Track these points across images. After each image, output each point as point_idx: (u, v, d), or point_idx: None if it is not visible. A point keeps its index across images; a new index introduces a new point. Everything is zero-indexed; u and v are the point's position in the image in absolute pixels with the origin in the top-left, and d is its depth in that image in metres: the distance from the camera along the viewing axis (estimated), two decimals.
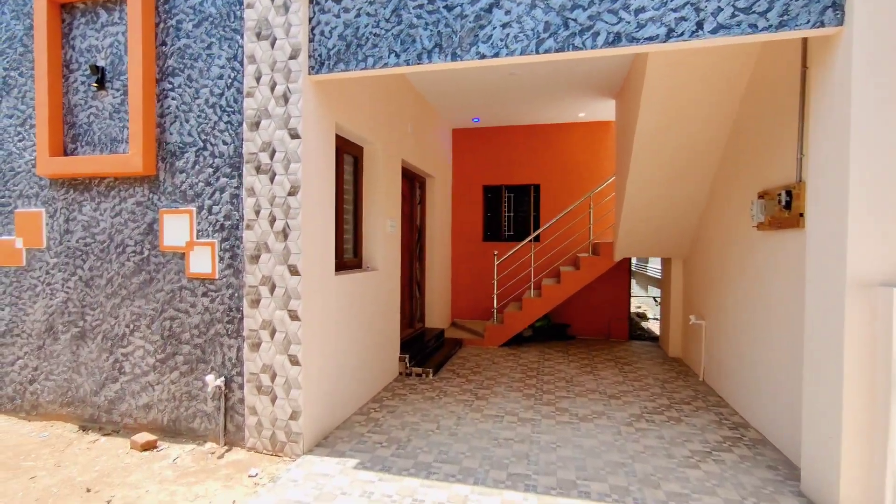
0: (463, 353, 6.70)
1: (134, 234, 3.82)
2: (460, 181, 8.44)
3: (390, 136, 5.22)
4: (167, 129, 3.72)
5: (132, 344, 3.83)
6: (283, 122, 3.44)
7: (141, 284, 3.80)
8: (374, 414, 4.27)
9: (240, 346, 3.59)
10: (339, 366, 4.01)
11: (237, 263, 3.58)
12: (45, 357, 4.07)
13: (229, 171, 3.59)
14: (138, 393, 3.83)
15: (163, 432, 3.77)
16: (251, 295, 3.54)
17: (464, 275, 8.46)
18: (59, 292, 4.02)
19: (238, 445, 3.59)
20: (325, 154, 3.76)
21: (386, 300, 5.13)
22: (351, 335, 4.25)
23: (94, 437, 3.79)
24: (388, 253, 5.21)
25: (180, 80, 3.68)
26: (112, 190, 3.87)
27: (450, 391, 4.95)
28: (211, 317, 3.64)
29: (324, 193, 3.75)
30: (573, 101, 6.80)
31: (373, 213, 4.98)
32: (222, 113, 3.60)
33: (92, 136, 3.92)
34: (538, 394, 4.87)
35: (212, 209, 3.63)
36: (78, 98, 3.95)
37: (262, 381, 3.53)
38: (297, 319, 3.44)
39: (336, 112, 3.93)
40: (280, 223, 3.46)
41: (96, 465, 3.32)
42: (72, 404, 4.01)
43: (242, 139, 3.55)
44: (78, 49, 3.95)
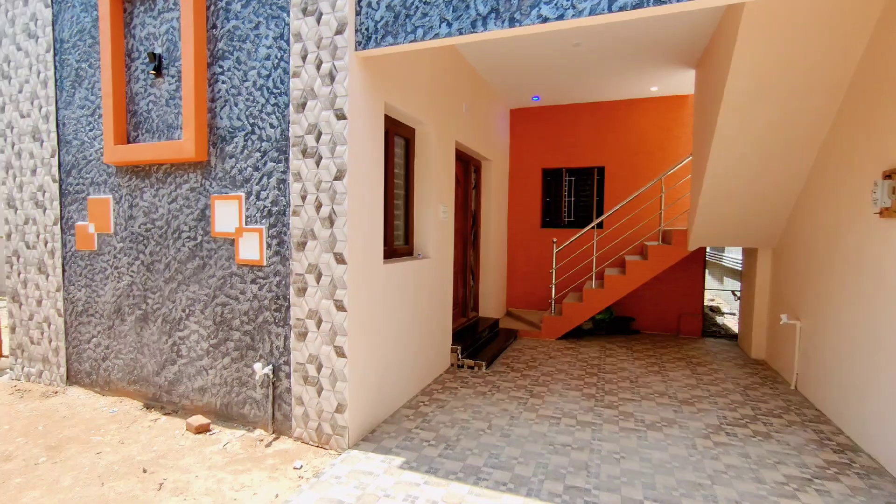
0: (518, 344, 6.40)
1: (188, 220, 3.86)
2: (518, 164, 8.02)
3: (444, 116, 4.95)
4: (218, 113, 3.68)
5: (188, 328, 3.91)
6: (330, 102, 3.27)
7: (195, 270, 3.85)
8: (423, 408, 4.11)
9: (287, 335, 3.53)
10: (387, 357, 3.87)
11: (284, 250, 3.50)
12: (114, 336, 4.27)
13: (276, 155, 3.49)
14: (194, 376, 3.91)
15: (216, 416, 3.83)
16: (298, 283, 3.45)
17: (520, 262, 8.10)
18: (124, 276, 4.18)
19: (286, 434, 3.56)
20: (373, 136, 3.56)
21: (437, 289, 4.93)
22: (400, 325, 4.09)
23: (156, 415, 3.93)
24: (441, 240, 4.98)
25: (229, 63, 3.62)
26: (169, 176, 3.92)
27: (503, 386, 4.69)
28: (259, 304, 3.61)
29: (372, 178, 3.57)
30: (645, 74, 6.15)
31: (424, 198, 4.76)
32: (269, 95, 3.49)
33: (151, 123, 3.98)
34: (599, 394, 4.48)
35: (259, 195, 3.57)
36: (139, 86, 4.02)
37: (309, 371, 3.45)
38: (343, 310, 3.31)
39: (385, 91, 3.71)
40: (326, 209, 3.32)
41: (154, 444, 3.41)
42: (137, 382, 4.18)
43: (289, 122, 3.43)
44: (138, 38, 4.01)
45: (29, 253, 4.68)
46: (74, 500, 2.74)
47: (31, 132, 4.59)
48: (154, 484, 2.89)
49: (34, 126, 4.57)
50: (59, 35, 4.39)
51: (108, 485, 2.89)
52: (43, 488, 2.86)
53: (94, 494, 2.79)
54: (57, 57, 4.41)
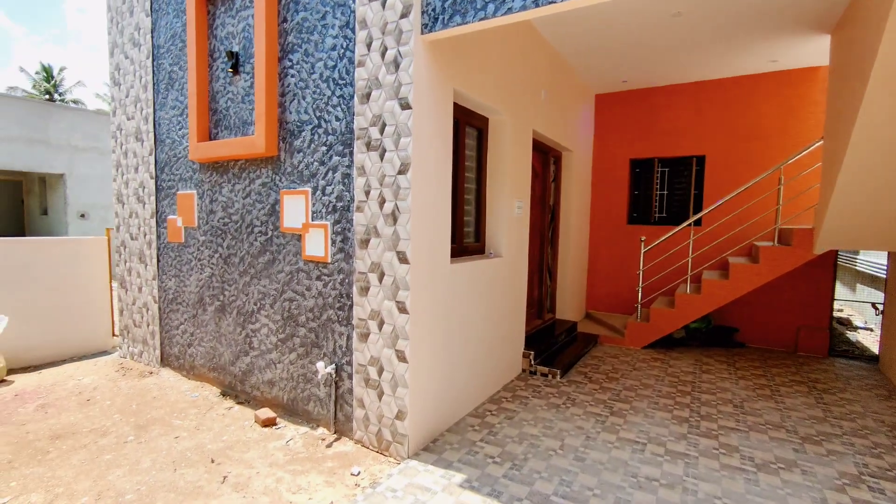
0: (598, 351, 5.86)
1: (260, 215, 3.91)
2: (603, 155, 7.36)
3: (520, 104, 4.57)
4: (287, 107, 3.66)
5: (259, 321, 3.98)
6: (394, 91, 3.07)
7: (265, 264, 3.90)
8: (489, 418, 3.83)
9: (350, 335, 3.43)
10: (452, 362, 3.64)
11: (348, 248, 3.40)
12: (197, 325, 4.51)
13: (341, 148, 3.38)
14: (264, 368, 3.98)
15: (283, 410, 3.86)
16: (360, 282, 3.33)
17: (603, 261, 7.46)
18: (206, 267, 4.38)
19: (346, 436, 3.48)
20: (440, 126, 3.32)
21: (510, 289, 4.60)
22: (468, 328, 3.84)
23: (230, 403, 4.07)
24: (515, 237, 4.63)
25: (298, 56, 3.57)
26: (243, 171, 4.00)
27: (579, 399, 4.26)
28: (324, 301, 3.55)
29: (439, 171, 3.33)
30: (763, 44, 5.24)
31: (498, 192, 4.44)
32: (335, 87, 3.38)
33: (229, 120, 4.10)
34: (694, 418, 3.89)
35: (325, 190, 3.49)
36: (219, 85, 4.15)
37: (370, 374, 3.32)
38: (406, 312, 3.12)
39: (454, 78, 3.44)
40: (389, 205, 3.14)
41: (224, 434, 3.50)
42: (216, 370, 4.38)
43: (353, 113, 3.29)
44: (219, 38, 4.13)
45: (132, 243, 5.12)
46: (149, 483, 2.85)
47: (135, 133, 4.98)
48: (218, 476, 2.94)
49: (137, 127, 4.95)
50: (156, 41, 4.69)
51: (179, 471, 2.99)
52: (126, 468, 3.03)
53: (166, 480, 2.89)
54: (154, 62, 4.72)
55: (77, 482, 2.86)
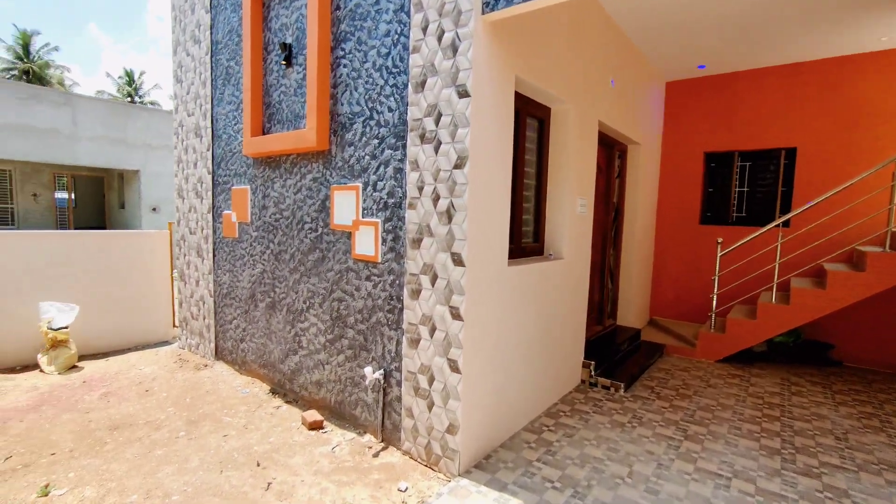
0: (664, 363, 5.35)
1: (310, 211, 3.80)
2: (673, 148, 6.74)
3: (586, 92, 4.18)
4: (339, 99, 3.51)
5: (308, 320, 3.88)
6: (451, 78, 2.82)
7: (315, 262, 3.79)
8: (547, 434, 3.52)
9: (399, 340, 3.23)
10: (507, 371, 3.36)
11: (399, 247, 3.19)
12: (249, 321, 4.51)
13: (394, 141, 3.18)
14: (312, 369, 3.88)
15: (330, 412, 3.74)
16: (412, 284, 3.12)
17: (670, 264, 6.85)
18: (258, 263, 4.35)
19: (394, 445, 3.30)
20: (500, 116, 3.03)
21: (570, 294, 4.23)
22: (524, 335, 3.54)
23: (278, 402, 4.01)
24: (577, 237, 4.26)
25: (351, 45, 3.40)
26: (295, 166, 3.91)
27: (647, 418, 3.84)
28: (373, 303, 3.38)
29: (498, 165, 3.05)
30: (870, 20, 4.50)
31: (560, 189, 4.09)
32: (388, 75, 3.18)
33: (282, 113, 4.02)
34: (787, 450, 3.37)
35: (376, 185, 3.30)
36: (272, 78, 4.08)
37: (420, 382, 3.11)
38: (460, 319, 2.87)
39: (516, 63, 3.14)
40: (444, 202, 2.90)
41: (271, 435, 3.42)
42: (266, 367, 4.35)
43: (407, 103, 3.07)
44: (273, 30, 4.05)
45: (191, 238, 5.22)
46: (195, 484, 2.80)
47: (195, 129, 5.06)
48: (263, 482, 2.83)
49: (196, 123, 5.02)
50: (215, 37, 4.71)
51: (225, 473, 2.92)
52: (176, 465, 3.00)
53: (211, 482, 2.82)
54: (213, 58, 4.75)
55: (129, 477, 2.86)
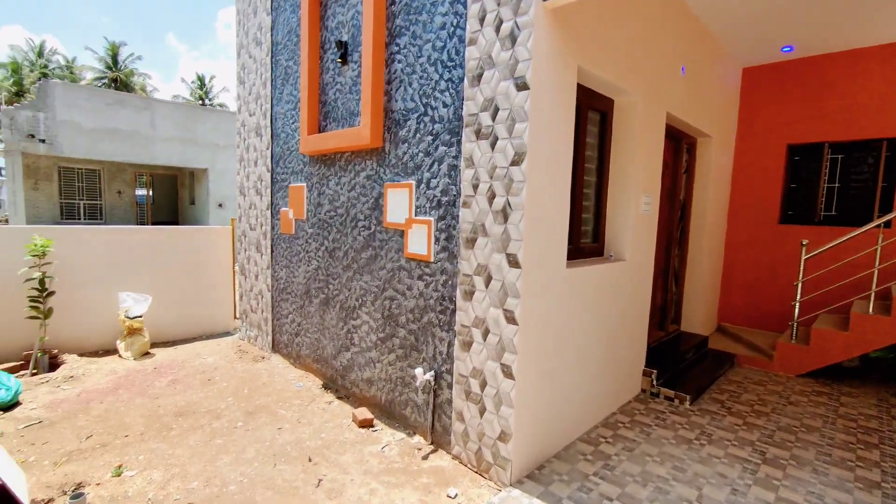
0: (735, 374, 4.93)
1: (364, 209, 3.79)
2: (750, 140, 6.18)
3: (653, 82, 3.88)
4: (393, 96, 3.46)
5: (360, 318, 3.89)
6: (509, 69, 2.68)
7: (368, 260, 3.78)
8: (604, 447, 3.31)
9: (451, 342, 3.15)
10: (563, 378, 3.19)
11: (452, 246, 3.10)
12: (304, 316, 4.60)
13: (448, 137, 3.08)
14: (363, 366, 3.89)
15: (380, 411, 3.74)
16: (465, 285, 3.02)
17: (743, 267, 6.31)
18: (313, 260, 4.42)
19: (444, 449, 3.22)
20: (560, 109, 2.85)
21: (632, 298, 3.97)
22: (582, 341, 3.34)
23: (330, 397, 4.06)
24: (640, 237, 3.99)
25: (405, 40, 3.34)
26: (349, 164, 3.92)
27: (717, 436, 3.53)
28: (425, 303, 3.31)
29: (557, 162, 2.88)
30: None
31: (622, 186, 3.83)
32: (443, 69, 3.09)
33: (337, 112, 4.04)
34: (889, 483, 2.97)
35: (430, 183, 3.23)
36: (328, 76, 4.12)
37: (472, 386, 3.01)
38: (514, 323, 2.74)
39: (578, 53, 2.94)
40: (500, 200, 2.78)
41: (323, 431, 3.46)
42: (319, 361, 4.43)
43: (462, 98, 2.97)
44: (330, 28, 4.08)
45: (251, 234, 5.42)
46: (250, 475, 2.87)
47: (255, 128, 5.23)
48: (314, 478, 2.85)
49: (257, 123, 5.19)
50: (275, 38, 4.83)
51: (278, 467, 2.97)
52: (233, 455, 3.10)
53: (265, 475, 2.88)
54: (273, 58, 4.87)
55: (191, 464, 2.98)
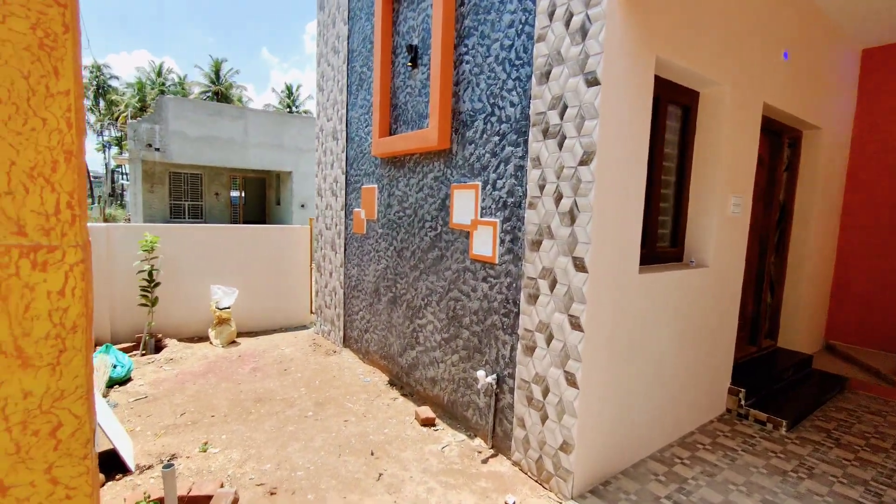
0: (846, 401, 4.32)
1: (431, 210, 3.83)
2: (871, 132, 5.40)
3: (748, 69, 3.52)
4: (461, 97, 3.46)
5: (425, 317, 3.94)
6: (579, 65, 2.56)
7: (434, 260, 3.81)
8: (680, 468, 3.06)
9: (514, 345, 3.08)
10: (632, 390, 2.99)
11: (517, 249, 3.03)
12: (373, 313, 4.75)
13: (515, 137, 3.02)
14: (427, 365, 3.93)
15: (443, 410, 3.75)
16: (529, 288, 2.94)
17: (858, 277, 5.52)
18: (382, 259, 4.55)
19: (504, 454, 3.16)
20: (635, 105, 2.68)
21: (716, 307, 3.63)
22: (656, 352, 3.12)
23: (395, 394, 4.15)
24: (727, 241, 3.64)
25: (474, 41, 3.32)
26: (418, 166, 3.98)
27: (820, 469, 3.11)
28: (489, 305, 3.27)
29: (630, 161, 2.70)
30: None
31: (707, 186, 3.52)
32: (511, 68, 3.03)
33: (407, 114, 4.12)
34: None
35: (496, 184, 3.19)
36: (399, 80, 4.22)
37: (534, 392, 2.92)
38: (579, 329, 2.62)
39: (657, 43, 2.74)
40: (567, 202, 2.66)
41: (386, 426, 3.54)
42: (385, 358, 4.55)
43: (530, 97, 2.89)
44: (401, 34, 4.18)
45: (327, 233, 5.71)
46: (317, 463, 3.01)
47: (332, 133, 5.50)
48: (375, 472, 2.93)
49: (333, 127, 5.46)
50: (351, 46, 5.05)
51: (343, 458, 3.09)
52: (303, 443, 3.27)
53: (330, 464, 3.01)
54: (349, 65, 5.09)
55: (265, 447, 3.19)
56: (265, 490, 2.70)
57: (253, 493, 2.67)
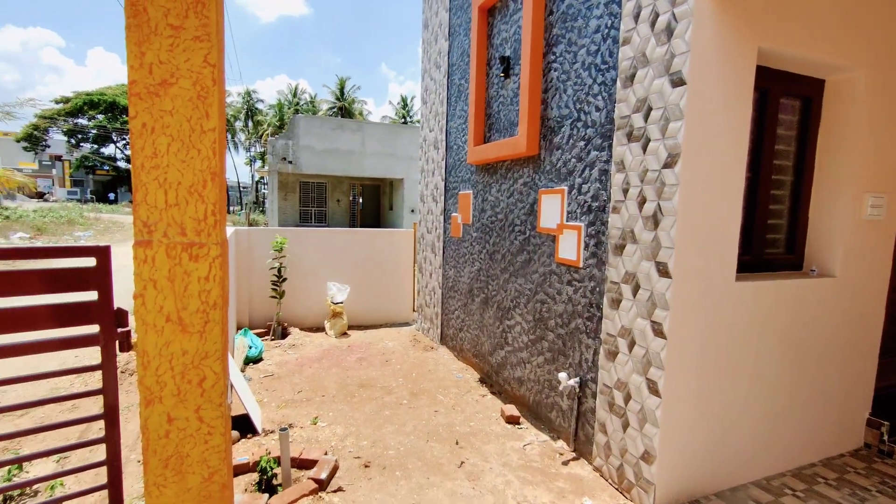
0: None
1: (520, 214, 3.95)
2: None
3: (888, 48, 3.05)
4: (549, 104, 3.54)
5: (514, 318, 4.06)
6: (664, 66, 2.51)
7: (522, 263, 3.92)
8: (789, 500, 2.76)
9: (597, 349, 3.07)
10: (730, 408, 2.79)
11: (601, 253, 3.03)
12: (467, 313, 4.99)
13: (600, 142, 3.02)
14: (515, 365, 4.04)
15: (528, 410, 3.83)
16: (612, 292, 2.91)
17: None
18: (476, 262, 4.77)
19: (585, 458, 3.15)
20: (729, 102, 2.53)
21: (845, 324, 3.19)
22: (760, 369, 2.86)
23: (484, 391, 4.33)
24: (860, 249, 3.18)
25: (561, 48, 3.38)
26: (509, 172, 4.13)
27: None
28: (573, 308, 3.30)
29: (724, 162, 2.56)
30: None
31: (833, 185, 3.13)
32: (596, 73, 3.04)
33: (500, 123, 4.30)
34: None
35: (581, 188, 3.21)
36: (493, 91, 4.41)
37: (615, 398, 2.89)
38: (662, 336, 2.54)
39: (759, 31, 2.55)
40: (650, 206, 2.61)
41: (473, 420, 3.74)
42: (477, 356, 4.75)
43: (615, 101, 2.88)
44: (495, 46, 4.37)
45: (428, 236, 6.11)
46: (406, 446, 3.31)
47: (434, 142, 5.89)
48: (457, 459, 3.14)
49: (435, 137, 5.84)
50: (451, 61, 5.38)
51: (430, 443, 3.35)
52: (396, 426, 3.61)
53: (418, 447, 3.29)
54: (449, 79, 5.42)
55: (364, 427, 3.59)
56: (360, 462, 3.07)
57: (350, 463, 3.06)
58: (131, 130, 1.49)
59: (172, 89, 1.50)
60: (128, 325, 1.66)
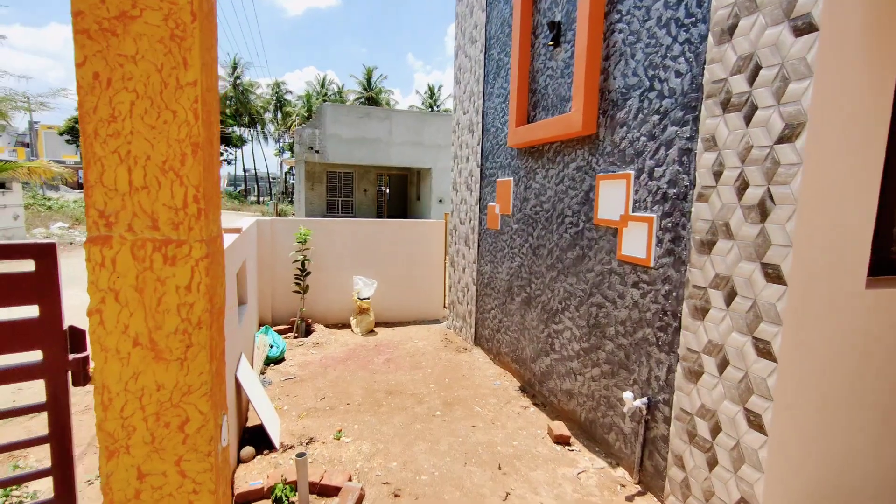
0: None
1: (572, 204, 3.43)
2: None
3: None
4: (611, 73, 2.99)
5: (562, 322, 3.56)
6: (782, 9, 1.94)
7: (574, 260, 3.41)
8: None
9: (671, 367, 2.55)
10: (854, 447, 2.23)
11: (680, 250, 2.49)
12: (505, 313, 4.51)
13: (681, 115, 2.47)
14: (563, 375, 3.55)
15: (579, 428, 3.34)
16: (695, 299, 2.38)
17: None
18: (516, 257, 4.28)
19: (654, 493, 2.65)
20: (872, 56, 1.94)
21: None
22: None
23: (526, 402, 3.86)
24: None
25: (629, 4, 2.82)
26: (557, 155, 3.60)
27: None
28: (640, 315, 2.77)
29: (860, 137, 1.98)
30: None
31: None
32: (678, 29, 2.47)
33: (547, 99, 3.76)
34: None
35: (653, 172, 2.67)
36: (539, 63, 3.87)
37: (698, 428, 2.37)
38: (771, 358, 2.01)
39: None
40: (756, 192, 2.06)
41: (516, 438, 3.28)
42: (517, 362, 4.27)
43: (704, 62, 2.32)
44: (542, 11, 3.82)
45: (461, 228, 5.63)
46: (442, 469, 2.88)
47: (468, 126, 5.39)
48: (502, 490, 2.69)
49: (469, 120, 5.33)
50: (489, 33, 4.84)
51: (468, 467, 2.92)
52: (429, 444, 3.19)
53: (455, 472, 2.85)
54: (486, 54, 4.90)
55: (393, 443, 3.18)
56: (390, 490, 2.66)
57: (378, 490, 2.65)
58: (78, 83, 1.07)
59: (135, 25, 1.07)
60: (86, 348, 1.26)
